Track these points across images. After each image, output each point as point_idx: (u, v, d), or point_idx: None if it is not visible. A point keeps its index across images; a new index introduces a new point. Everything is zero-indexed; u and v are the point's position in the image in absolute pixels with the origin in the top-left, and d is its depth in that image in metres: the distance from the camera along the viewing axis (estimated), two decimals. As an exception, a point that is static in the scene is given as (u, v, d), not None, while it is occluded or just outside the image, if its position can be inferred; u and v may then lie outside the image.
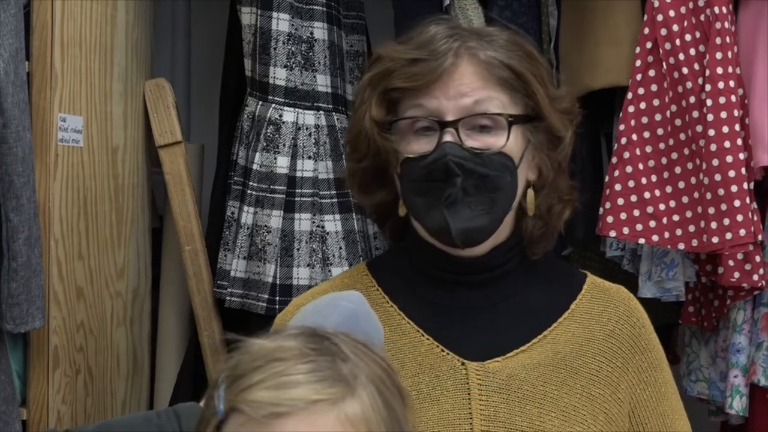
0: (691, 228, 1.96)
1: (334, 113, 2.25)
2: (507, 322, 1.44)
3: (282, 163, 2.18)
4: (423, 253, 1.47)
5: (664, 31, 1.99)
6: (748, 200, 1.91)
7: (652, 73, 2.01)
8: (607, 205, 2.01)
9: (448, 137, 1.39)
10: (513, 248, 1.47)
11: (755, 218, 1.93)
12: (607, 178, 2.03)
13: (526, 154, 1.44)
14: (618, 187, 2.01)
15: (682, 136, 1.98)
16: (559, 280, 1.51)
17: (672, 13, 1.98)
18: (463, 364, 1.40)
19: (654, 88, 2.01)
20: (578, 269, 1.58)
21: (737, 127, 1.91)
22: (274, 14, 2.19)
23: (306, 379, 1.03)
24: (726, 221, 1.90)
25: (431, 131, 1.41)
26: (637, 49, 2.01)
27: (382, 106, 1.44)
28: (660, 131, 2.01)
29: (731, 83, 1.92)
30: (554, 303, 1.48)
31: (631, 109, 2.02)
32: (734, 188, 1.89)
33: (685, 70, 1.96)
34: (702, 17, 1.97)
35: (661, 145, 2.01)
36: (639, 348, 1.47)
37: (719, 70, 1.93)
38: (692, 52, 1.97)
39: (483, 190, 1.39)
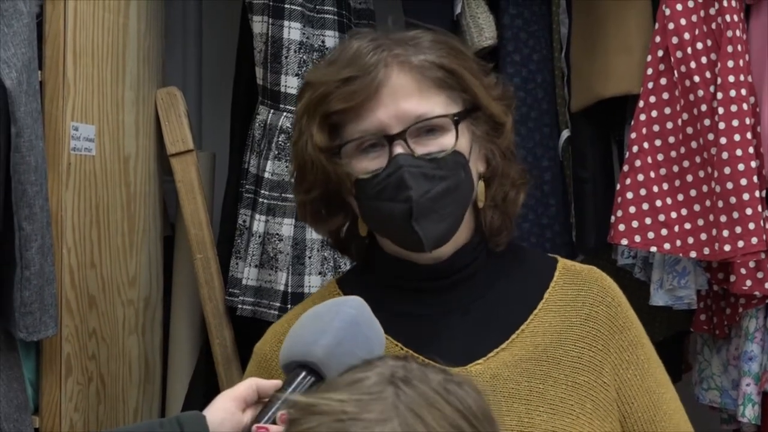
0: (703, 236, 1.96)
1: (345, 121, 2.25)
2: (483, 321, 1.44)
3: (293, 172, 2.18)
4: (390, 267, 1.47)
5: (675, 40, 1.98)
6: (760, 208, 1.91)
7: (663, 81, 2.00)
8: (619, 213, 2.01)
9: (399, 149, 1.38)
10: (477, 246, 1.47)
11: (767, 226, 1.92)
12: (618, 186, 2.03)
13: (474, 148, 1.44)
14: (629, 195, 2.00)
15: (694, 145, 1.98)
16: (529, 270, 1.50)
17: (683, 22, 1.98)
18: None
19: (665, 96, 2.00)
20: (547, 255, 1.57)
21: (749, 136, 1.91)
22: (286, 23, 2.20)
23: None
24: (738, 229, 1.89)
25: (379, 147, 1.40)
26: (649, 58, 2.01)
27: (324, 132, 1.41)
28: (671, 139, 2.00)
29: (743, 91, 1.92)
30: (527, 294, 1.47)
31: (642, 117, 2.01)
32: (746, 196, 1.89)
33: (696, 79, 1.96)
34: (713, 25, 1.96)
35: (673, 154, 2.00)
36: (617, 327, 1.46)
37: (731, 79, 1.92)
38: (704, 60, 1.96)
39: (445, 193, 1.38)
